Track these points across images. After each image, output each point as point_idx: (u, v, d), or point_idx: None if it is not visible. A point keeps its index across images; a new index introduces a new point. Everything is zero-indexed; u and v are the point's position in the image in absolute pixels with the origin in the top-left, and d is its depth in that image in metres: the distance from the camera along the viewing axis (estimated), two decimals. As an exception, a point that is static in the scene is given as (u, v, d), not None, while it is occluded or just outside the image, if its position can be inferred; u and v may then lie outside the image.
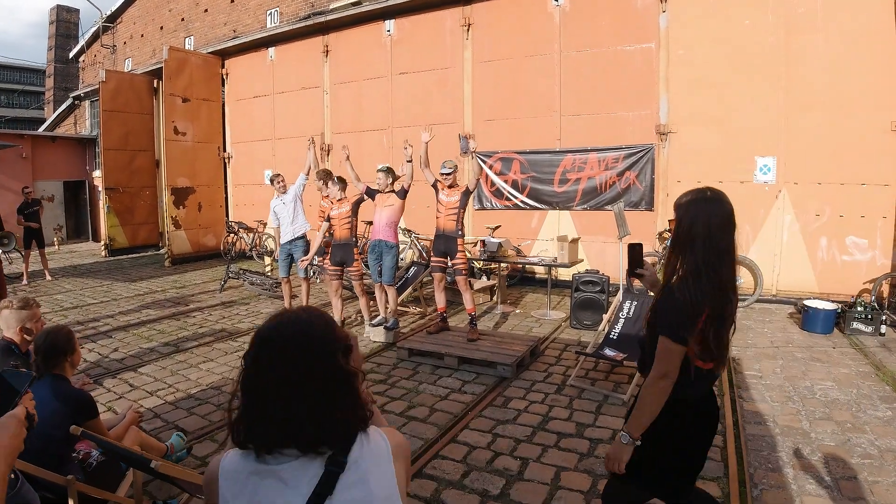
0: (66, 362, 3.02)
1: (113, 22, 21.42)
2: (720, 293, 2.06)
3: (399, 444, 1.32)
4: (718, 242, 2.06)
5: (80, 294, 10.04)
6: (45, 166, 19.08)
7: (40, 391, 2.83)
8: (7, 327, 3.39)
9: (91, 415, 2.95)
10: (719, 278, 2.05)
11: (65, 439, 2.79)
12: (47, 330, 3.09)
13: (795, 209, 8.23)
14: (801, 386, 5.03)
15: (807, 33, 7.99)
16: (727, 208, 2.10)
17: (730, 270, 2.10)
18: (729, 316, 2.11)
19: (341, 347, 1.26)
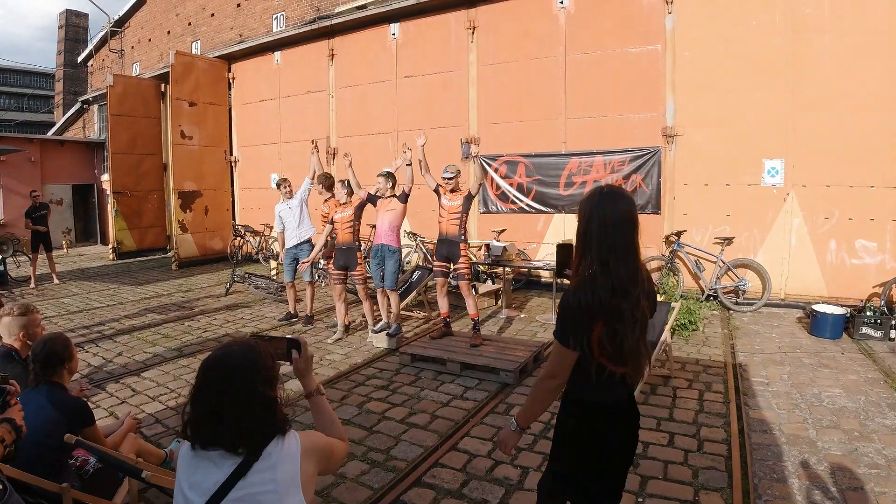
0: (64, 370, 3.00)
1: (121, 26, 21.55)
2: (616, 294, 1.97)
3: (312, 445, 1.78)
4: (613, 241, 1.99)
5: (86, 297, 10.08)
6: (54, 170, 19.20)
7: (37, 399, 2.83)
8: (8, 334, 3.39)
9: (87, 422, 2.93)
10: (615, 278, 1.98)
11: (60, 447, 2.77)
12: (45, 338, 3.07)
13: (804, 212, 8.13)
14: (809, 393, 4.96)
15: (814, 34, 7.90)
16: (623, 206, 2.03)
17: (628, 269, 2.00)
18: (629, 319, 1.99)
19: (261, 378, 1.67)
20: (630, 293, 1.99)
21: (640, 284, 2.02)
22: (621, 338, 1.99)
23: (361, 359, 6.21)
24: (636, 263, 2.02)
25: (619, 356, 2.02)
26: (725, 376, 5.42)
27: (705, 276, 8.55)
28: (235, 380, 1.62)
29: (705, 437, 4.11)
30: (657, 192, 9.01)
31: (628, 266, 2.00)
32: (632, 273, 2.00)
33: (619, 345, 1.99)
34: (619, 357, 2.02)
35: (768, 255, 8.33)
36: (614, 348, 1.99)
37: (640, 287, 2.01)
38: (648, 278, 2.12)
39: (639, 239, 2.05)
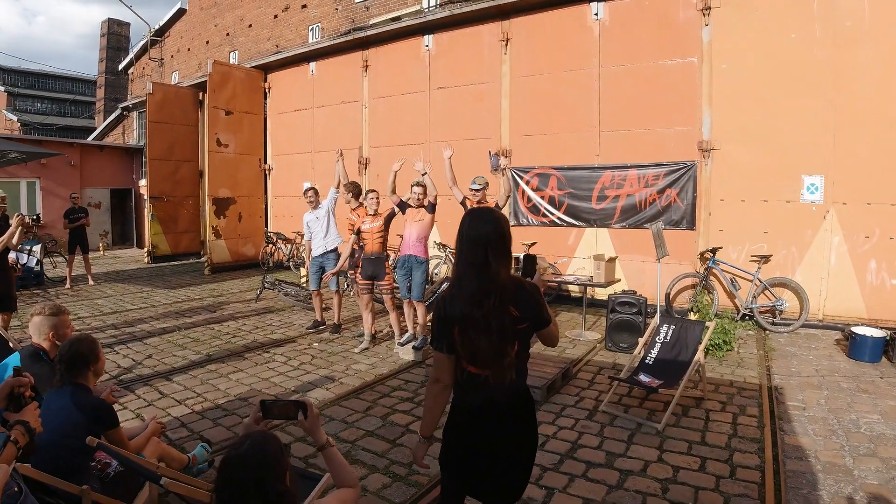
0: (90, 371, 3.01)
1: (161, 36, 22.13)
2: (472, 304, 2.18)
3: None
4: (471, 257, 2.22)
5: (119, 299, 10.27)
6: (93, 174, 19.73)
7: (60, 400, 2.84)
8: (38, 334, 3.44)
9: (110, 425, 2.93)
10: (469, 290, 2.20)
11: (82, 449, 2.78)
12: (72, 338, 3.10)
13: (844, 230, 7.88)
14: (846, 419, 4.77)
15: (855, 46, 7.68)
16: (482, 227, 2.24)
17: (481, 283, 2.18)
18: (483, 326, 2.16)
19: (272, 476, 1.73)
20: (483, 303, 2.17)
21: (496, 295, 2.17)
22: (475, 343, 2.17)
23: (387, 370, 6.17)
24: (490, 277, 2.19)
25: (476, 359, 2.20)
26: (760, 399, 5.24)
27: (741, 294, 8.32)
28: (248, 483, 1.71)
29: (738, 463, 3.96)
30: (692, 208, 8.82)
31: (481, 280, 2.19)
32: (485, 286, 2.18)
33: (473, 349, 2.18)
34: (475, 360, 2.20)
35: (806, 275, 8.08)
36: (469, 352, 2.19)
37: (494, 298, 2.17)
38: (519, 289, 2.26)
39: (499, 256, 2.22)
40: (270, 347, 7.05)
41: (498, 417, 2.26)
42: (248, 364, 6.35)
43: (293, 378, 5.87)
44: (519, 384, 2.29)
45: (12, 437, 1.92)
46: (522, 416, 2.32)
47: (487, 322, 2.17)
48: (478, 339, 2.17)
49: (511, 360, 2.22)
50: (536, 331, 2.32)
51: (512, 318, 2.19)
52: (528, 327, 2.27)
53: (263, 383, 5.69)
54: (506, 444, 2.28)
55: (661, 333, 5.46)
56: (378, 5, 14.02)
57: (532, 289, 2.31)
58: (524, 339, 2.28)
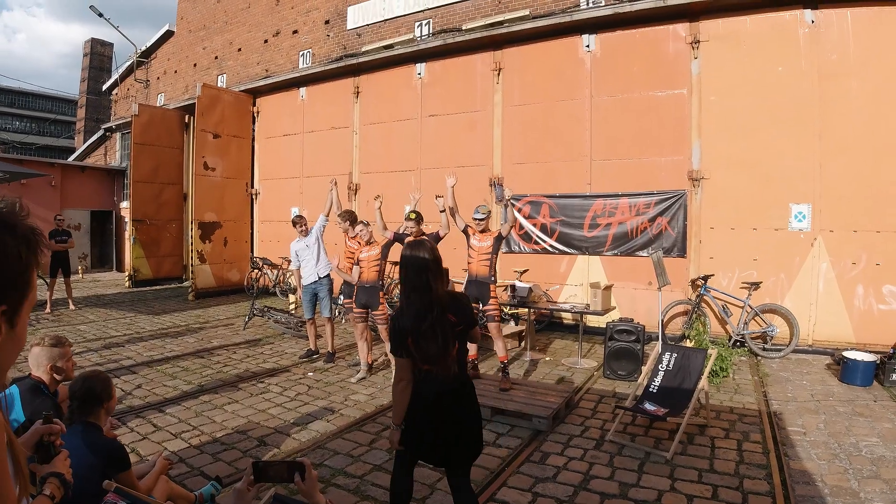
0: (102, 410, 2.91)
1: (147, 57, 22.02)
2: (418, 319, 2.83)
3: None
4: (415, 281, 2.87)
5: (103, 325, 10.03)
6: (74, 195, 19.43)
7: (72, 440, 2.71)
8: (37, 366, 3.31)
9: (123, 467, 2.82)
10: (415, 308, 2.86)
11: (95, 493, 2.66)
12: (84, 375, 2.99)
13: (831, 257, 8.05)
14: (846, 442, 4.84)
15: (840, 78, 7.95)
16: (420, 255, 2.89)
17: (423, 302, 2.85)
18: (429, 334, 2.81)
19: None
20: (427, 317, 2.82)
21: (437, 308, 2.83)
22: (426, 348, 2.82)
23: (387, 400, 6.06)
24: (431, 297, 2.85)
25: (427, 360, 2.84)
26: (762, 425, 5.28)
27: (732, 320, 8.41)
28: None
29: (749, 490, 3.97)
30: (683, 236, 8.93)
31: (423, 300, 2.85)
32: (427, 304, 2.84)
33: (424, 352, 2.82)
34: (427, 360, 2.84)
35: (796, 301, 8.21)
36: (422, 355, 2.83)
37: (436, 311, 2.82)
38: (454, 299, 3.00)
39: (436, 277, 2.88)
40: (264, 377, 6.91)
41: (445, 403, 2.89)
42: (243, 395, 6.21)
43: (291, 409, 5.74)
44: (460, 375, 2.96)
45: (48, 491, 1.82)
46: (465, 400, 2.98)
47: (434, 331, 2.81)
48: (427, 345, 2.81)
49: (453, 357, 2.88)
50: (469, 330, 3.02)
51: (451, 323, 2.87)
52: (463, 329, 2.97)
53: (261, 415, 5.56)
54: (453, 423, 2.90)
55: (663, 361, 5.47)
56: (370, 33, 14.13)
57: (465, 299, 3.13)
58: (462, 339, 2.98)
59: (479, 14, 12.12)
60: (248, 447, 4.76)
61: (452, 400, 2.91)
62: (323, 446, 4.78)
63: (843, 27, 7.96)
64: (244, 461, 4.48)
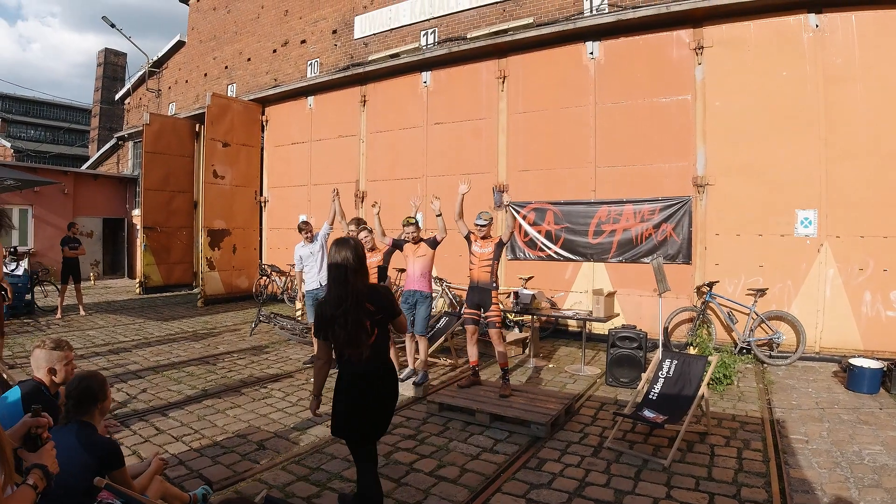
0: (97, 409, 2.97)
1: (159, 67, 22.30)
2: (335, 306, 3.20)
3: None
4: (335, 275, 3.26)
5: (112, 331, 10.14)
6: (86, 203, 19.70)
7: (67, 438, 2.78)
8: (38, 368, 3.37)
9: (117, 465, 2.87)
10: (335, 297, 3.24)
11: (87, 490, 2.71)
12: (80, 375, 3.05)
13: (838, 263, 7.98)
14: (849, 451, 4.78)
15: (846, 83, 7.91)
16: (342, 253, 3.24)
17: (340, 294, 3.22)
18: (342, 322, 3.17)
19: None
20: (342, 305, 3.19)
21: (353, 298, 3.20)
22: (339, 333, 3.18)
23: (388, 405, 6.09)
24: (348, 288, 3.21)
25: (342, 344, 3.20)
26: (763, 433, 5.23)
27: (738, 328, 8.35)
28: None
29: (746, 498, 3.93)
30: (688, 242, 8.90)
31: (341, 290, 3.22)
32: (344, 294, 3.21)
33: (339, 337, 3.19)
34: (342, 344, 3.20)
35: (802, 307, 8.14)
36: (337, 339, 3.21)
37: (350, 300, 3.19)
38: (373, 290, 3.34)
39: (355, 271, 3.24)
40: (267, 382, 6.95)
41: (359, 385, 3.26)
42: (246, 399, 6.25)
43: (292, 415, 5.78)
44: (376, 360, 3.30)
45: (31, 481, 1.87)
46: (382, 382, 3.34)
47: (346, 319, 3.17)
48: (338, 332, 3.18)
49: (367, 344, 3.22)
50: (390, 320, 3.39)
51: (368, 311, 3.24)
52: (383, 317, 3.32)
53: (262, 420, 5.60)
54: (364, 404, 3.26)
55: (663, 368, 5.45)
56: (377, 42, 14.25)
57: (384, 290, 3.48)
58: (382, 327, 3.34)
59: (484, 22, 12.18)
60: (247, 451, 4.80)
61: (366, 383, 3.26)
62: (321, 450, 4.80)
63: (847, 31, 7.92)
64: (243, 464, 4.52)
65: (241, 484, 4.16)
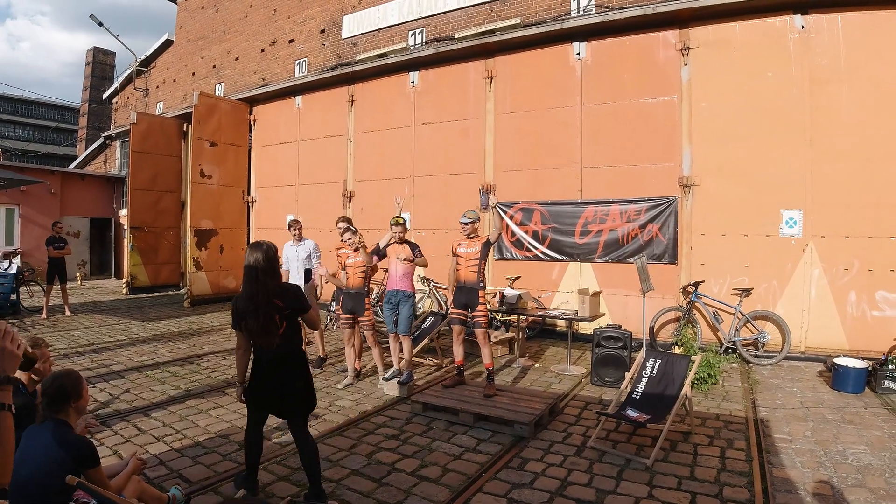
0: (72, 408, 2.93)
1: (147, 66, 22.17)
2: (248, 301, 3.64)
3: None
4: (248, 274, 3.67)
5: (97, 331, 10.05)
6: (73, 202, 19.52)
7: (43, 436, 2.75)
8: None
9: (92, 464, 2.83)
10: (247, 294, 3.66)
11: (62, 488, 2.67)
12: (55, 374, 3.02)
13: (823, 263, 8.03)
14: (833, 450, 4.80)
15: (831, 84, 7.97)
16: (254, 254, 3.67)
17: (251, 291, 3.64)
18: (254, 315, 3.60)
19: None
20: (254, 300, 3.61)
21: (263, 295, 3.61)
22: (251, 325, 3.62)
23: (372, 406, 6.08)
24: (258, 287, 3.63)
25: (255, 335, 3.66)
26: (747, 433, 5.24)
27: (724, 327, 8.39)
28: None
29: (728, 498, 3.94)
30: (674, 242, 8.93)
31: (251, 289, 3.64)
32: (254, 292, 3.63)
33: (252, 328, 3.63)
34: (255, 335, 3.66)
35: (788, 307, 8.18)
36: (251, 330, 3.65)
37: (261, 297, 3.60)
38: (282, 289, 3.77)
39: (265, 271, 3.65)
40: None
41: (271, 368, 3.72)
42: (229, 400, 6.20)
43: (275, 414, 5.74)
44: (286, 348, 3.72)
45: None
46: (292, 367, 3.76)
47: (257, 313, 3.59)
48: (251, 324, 3.62)
49: (275, 335, 3.64)
50: (300, 314, 3.80)
51: (277, 306, 3.64)
52: (291, 312, 3.73)
53: (244, 420, 5.50)
54: (278, 383, 3.72)
55: (647, 368, 5.46)
56: (365, 42, 14.23)
57: (294, 288, 3.93)
58: (291, 320, 3.74)
59: (472, 23, 12.19)
60: (228, 451, 4.76)
61: (276, 366, 3.73)
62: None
63: (833, 33, 7.98)
64: (223, 464, 4.49)
65: (221, 485, 4.12)
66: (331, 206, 12.95)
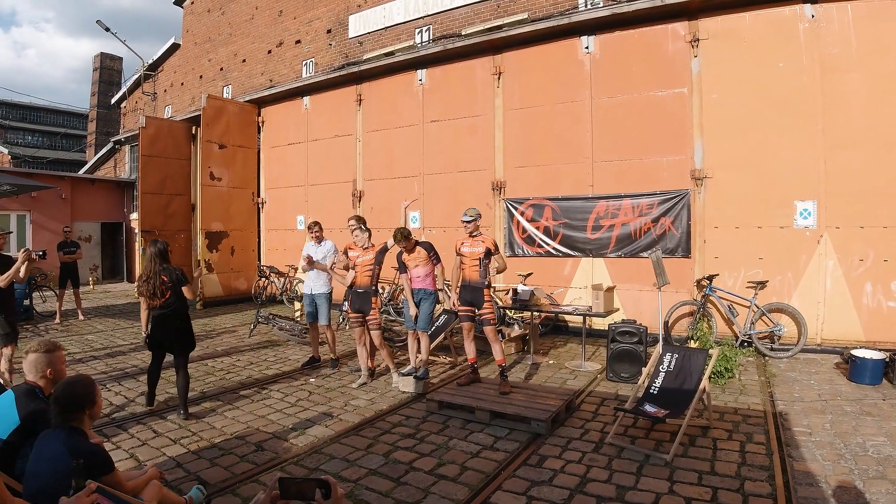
0: (85, 415, 2.90)
1: (154, 70, 22.27)
2: (147, 277, 5.64)
3: None
4: (148, 258, 5.65)
5: (110, 335, 10.11)
6: (84, 207, 19.67)
7: (55, 445, 2.72)
8: (33, 371, 3.34)
9: (105, 470, 2.81)
10: (146, 274, 5.67)
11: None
12: (67, 380, 2.99)
13: (838, 254, 7.94)
14: (853, 442, 4.74)
15: (842, 73, 7.88)
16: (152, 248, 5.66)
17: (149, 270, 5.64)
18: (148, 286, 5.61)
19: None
20: (150, 280, 5.61)
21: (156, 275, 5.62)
22: (145, 291, 5.64)
23: (387, 405, 6.06)
24: (154, 268, 5.64)
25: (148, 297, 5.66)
26: (766, 426, 5.19)
27: (739, 321, 8.31)
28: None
29: (750, 492, 3.89)
30: (687, 236, 8.86)
31: (149, 269, 5.65)
32: (150, 271, 5.64)
33: (146, 293, 5.65)
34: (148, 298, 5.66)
35: (803, 299, 8.10)
36: (145, 294, 5.67)
37: (155, 277, 5.61)
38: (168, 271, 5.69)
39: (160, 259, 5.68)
40: (266, 384, 6.92)
41: (160, 320, 5.68)
42: (245, 401, 6.21)
43: (291, 415, 5.74)
44: (169, 307, 5.68)
45: None
46: (172, 319, 5.72)
47: (151, 283, 5.59)
48: (147, 291, 5.61)
49: (159, 299, 5.62)
50: (180, 286, 5.69)
51: (163, 281, 5.61)
52: (173, 286, 5.65)
53: (261, 421, 5.56)
54: (165, 330, 5.71)
55: (664, 362, 5.41)
56: (371, 41, 14.21)
57: (178, 270, 5.77)
58: (173, 290, 5.66)
59: (479, 19, 12.15)
60: (245, 452, 4.76)
61: (164, 319, 5.71)
62: (320, 451, 4.76)
63: (843, 21, 7.89)
64: (241, 466, 4.48)
65: (240, 487, 4.11)
66: (340, 206, 12.95)
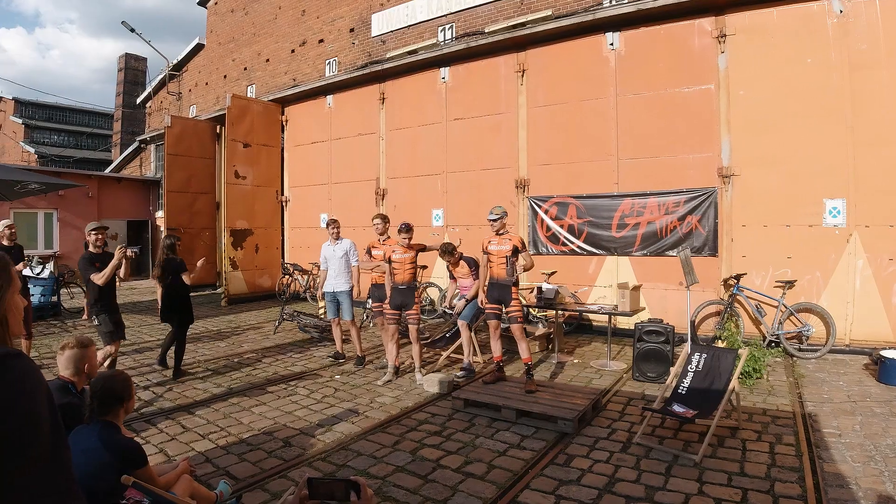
0: (121, 409, 2.96)
1: (179, 70, 22.55)
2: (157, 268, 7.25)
3: None
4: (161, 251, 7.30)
5: (137, 331, 10.28)
6: (111, 206, 20.01)
7: (89, 439, 2.78)
8: (68, 367, 3.41)
9: (139, 464, 2.86)
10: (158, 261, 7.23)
11: (111, 490, 2.71)
12: (104, 375, 3.06)
13: (868, 253, 7.78)
14: (883, 444, 4.67)
15: (871, 69, 7.72)
16: (165, 241, 7.29)
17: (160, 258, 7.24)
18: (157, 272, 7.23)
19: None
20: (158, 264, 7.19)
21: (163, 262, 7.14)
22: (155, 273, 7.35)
23: (412, 402, 6.08)
24: (161, 257, 7.16)
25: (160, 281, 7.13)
26: (795, 427, 5.12)
27: (766, 321, 8.19)
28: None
29: (780, 493, 3.85)
30: (714, 234, 8.75)
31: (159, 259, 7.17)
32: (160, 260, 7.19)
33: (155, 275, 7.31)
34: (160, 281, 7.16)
35: (832, 299, 7.96)
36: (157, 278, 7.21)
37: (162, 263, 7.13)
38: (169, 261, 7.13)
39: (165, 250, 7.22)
40: (292, 380, 6.98)
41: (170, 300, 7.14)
42: (271, 397, 6.28)
43: (317, 412, 5.79)
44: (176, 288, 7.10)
45: None
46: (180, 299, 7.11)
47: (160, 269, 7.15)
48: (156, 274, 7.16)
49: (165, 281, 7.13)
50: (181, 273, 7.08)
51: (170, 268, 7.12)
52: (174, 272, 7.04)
53: (287, 417, 5.62)
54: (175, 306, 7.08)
55: (692, 362, 5.35)
56: (394, 39, 14.24)
57: (179, 259, 7.19)
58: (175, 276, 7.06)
59: (502, 16, 12.11)
60: (273, 448, 4.81)
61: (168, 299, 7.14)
62: (346, 447, 4.80)
63: (872, 17, 7.72)
64: (269, 461, 4.53)
65: (269, 482, 4.16)
66: (364, 204, 13.01)
